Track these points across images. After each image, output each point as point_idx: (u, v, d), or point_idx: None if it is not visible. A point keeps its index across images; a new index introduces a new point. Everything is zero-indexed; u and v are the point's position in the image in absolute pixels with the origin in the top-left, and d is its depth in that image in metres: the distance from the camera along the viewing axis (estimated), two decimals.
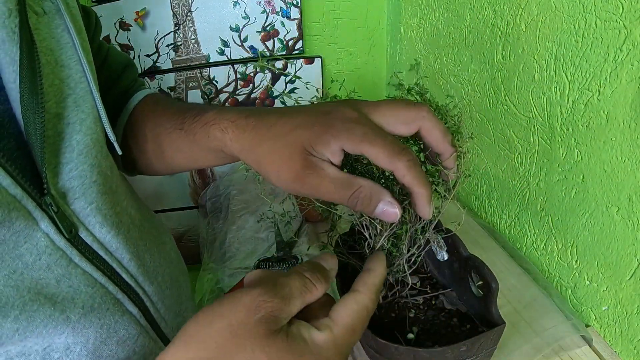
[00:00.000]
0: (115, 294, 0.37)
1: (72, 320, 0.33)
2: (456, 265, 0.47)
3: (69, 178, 0.34)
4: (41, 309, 0.31)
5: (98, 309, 0.35)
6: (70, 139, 0.35)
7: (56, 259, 0.33)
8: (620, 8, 0.44)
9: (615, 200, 0.49)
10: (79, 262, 0.34)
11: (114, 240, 0.38)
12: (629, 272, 0.50)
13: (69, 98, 0.35)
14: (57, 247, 0.33)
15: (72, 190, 0.35)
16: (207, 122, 0.40)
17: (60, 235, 0.33)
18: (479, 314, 0.45)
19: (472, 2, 0.68)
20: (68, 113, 0.35)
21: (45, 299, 0.32)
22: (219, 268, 0.75)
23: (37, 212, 0.31)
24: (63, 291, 0.33)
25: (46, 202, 0.32)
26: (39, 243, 0.31)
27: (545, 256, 0.64)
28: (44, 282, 0.32)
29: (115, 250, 0.38)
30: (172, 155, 0.46)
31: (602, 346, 0.54)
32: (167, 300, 0.44)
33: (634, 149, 0.46)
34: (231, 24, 0.92)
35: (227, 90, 0.98)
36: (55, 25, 0.35)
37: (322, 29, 0.96)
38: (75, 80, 0.36)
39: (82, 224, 0.35)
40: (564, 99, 0.54)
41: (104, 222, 0.37)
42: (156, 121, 0.47)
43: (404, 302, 0.48)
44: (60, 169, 0.34)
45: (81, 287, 0.34)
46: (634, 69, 0.44)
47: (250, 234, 0.81)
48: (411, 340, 0.44)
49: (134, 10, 0.88)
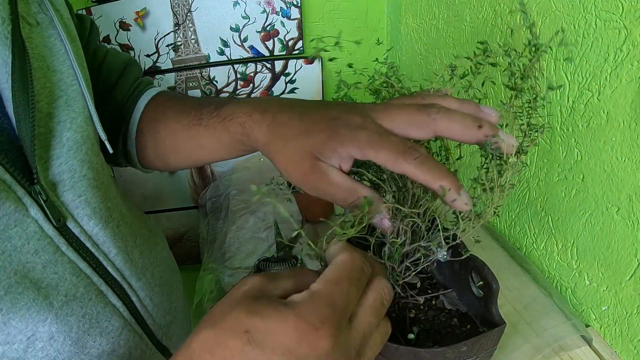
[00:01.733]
0: (99, 285, 0.38)
1: (54, 306, 0.34)
2: (456, 265, 0.47)
3: (59, 171, 0.36)
4: (25, 292, 0.32)
5: (81, 297, 0.36)
6: (61, 136, 0.37)
7: (44, 245, 0.34)
8: (620, 8, 0.44)
9: (615, 200, 0.49)
10: (65, 251, 0.36)
11: (102, 233, 0.39)
12: (629, 272, 0.50)
13: (60, 99, 0.37)
14: (45, 234, 0.34)
15: (61, 183, 0.36)
16: (225, 117, 0.41)
17: (49, 223, 0.34)
18: (480, 314, 0.45)
19: (472, 2, 0.68)
20: (59, 112, 0.37)
21: (30, 283, 0.33)
22: (219, 268, 0.75)
23: (27, 199, 0.33)
24: (48, 277, 0.34)
25: (35, 190, 0.33)
26: (28, 228, 0.33)
27: (545, 256, 0.64)
28: (30, 266, 0.33)
29: (102, 243, 0.39)
30: (192, 150, 0.47)
31: (602, 346, 0.54)
32: (156, 297, 0.45)
33: (634, 149, 0.46)
34: (231, 24, 0.92)
35: (227, 90, 0.98)
36: (48, 35, 0.38)
37: (322, 29, 0.96)
38: (67, 83, 0.38)
39: (70, 215, 0.37)
40: (564, 99, 0.54)
41: (92, 215, 0.38)
42: (172, 117, 0.48)
43: (404, 302, 0.48)
44: (50, 163, 0.36)
45: (66, 274, 0.35)
46: (634, 69, 0.44)
47: (250, 234, 0.81)
48: (411, 340, 0.44)
49: (134, 10, 0.88)
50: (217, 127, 0.42)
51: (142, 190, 1.06)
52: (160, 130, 0.49)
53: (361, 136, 0.32)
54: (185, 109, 0.47)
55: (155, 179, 1.05)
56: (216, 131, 0.43)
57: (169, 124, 0.48)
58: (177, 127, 0.47)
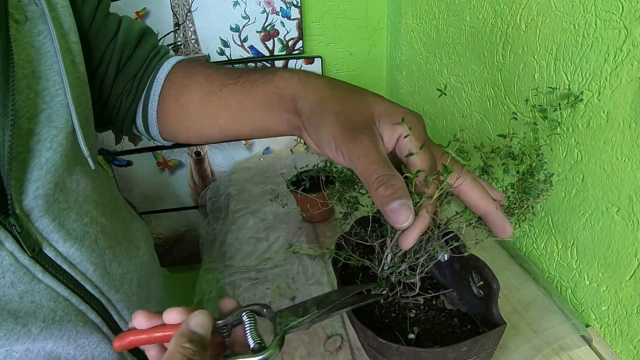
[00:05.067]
0: (78, 305, 0.38)
1: (32, 332, 0.34)
2: (457, 265, 0.47)
3: (35, 197, 0.35)
4: (3, 323, 0.32)
5: (59, 321, 0.36)
6: (40, 157, 0.35)
7: (20, 276, 0.33)
8: (620, 8, 0.44)
9: (615, 200, 0.49)
10: (42, 278, 0.35)
11: (78, 253, 0.38)
12: (629, 272, 0.50)
13: (43, 113, 0.36)
14: (20, 265, 0.33)
15: (36, 208, 0.35)
16: (270, 72, 0.40)
17: (24, 253, 0.33)
18: (480, 314, 0.45)
19: (472, 2, 0.68)
20: (40, 129, 0.35)
21: (8, 314, 0.33)
22: (218, 268, 0.75)
23: (1, 232, 0.32)
24: (25, 306, 0.34)
25: (10, 222, 0.32)
26: (4, 261, 0.32)
27: (545, 256, 0.64)
28: (7, 299, 0.33)
29: (78, 262, 0.39)
30: (217, 114, 0.45)
31: (602, 346, 0.54)
32: (133, 306, 0.45)
33: (634, 149, 0.46)
34: (231, 24, 0.92)
35: None
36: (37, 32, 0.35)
37: (322, 29, 0.96)
38: (52, 93, 0.36)
39: (45, 240, 0.36)
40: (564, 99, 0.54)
41: (67, 237, 0.38)
42: (202, 81, 0.46)
43: (404, 302, 0.48)
44: (27, 186, 0.34)
45: (43, 301, 0.35)
46: (634, 69, 0.44)
47: (250, 234, 0.81)
48: (412, 340, 0.44)
49: (134, 10, 0.88)
50: (258, 80, 0.41)
51: (142, 190, 1.06)
52: (190, 94, 0.47)
53: (423, 133, 0.33)
54: (217, 74, 0.46)
55: (155, 179, 1.05)
56: (255, 84, 0.41)
57: (198, 87, 0.46)
58: (208, 89, 0.45)
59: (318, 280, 0.68)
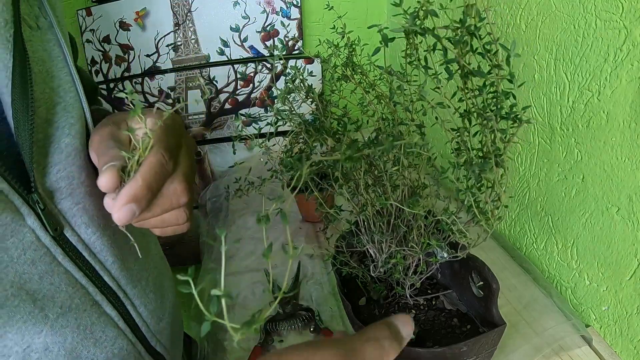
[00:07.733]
0: (94, 295, 0.38)
1: (50, 318, 0.34)
2: (457, 265, 0.47)
3: (57, 179, 0.36)
4: (22, 305, 0.33)
5: (76, 309, 0.36)
6: (59, 142, 0.36)
7: (40, 255, 0.34)
8: (620, 8, 0.44)
9: (615, 200, 0.49)
10: (62, 261, 0.35)
11: (99, 242, 0.39)
12: (629, 272, 0.50)
13: (59, 105, 0.37)
14: (42, 244, 0.34)
15: (59, 190, 0.36)
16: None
17: (46, 233, 0.34)
18: (480, 315, 0.45)
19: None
20: (57, 118, 0.36)
21: (26, 295, 0.33)
22: (218, 268, 0.75)
23: (24, 208, 0.32)
24: (44, 288, 0.34)
25: (33, 199, 0.33)
26: (25, 238, 0.33)
27: (545, 256, 0.64)
28: (27, 277, 0.33)
29: (99, 251, 0.39)
30: None
31: (602, 346, 0.54)
32: (150, 304, 0.45)
33: (634, 149, 0.46)
34: (231, 24, 0.92)
35: (227, 90, 0.98)
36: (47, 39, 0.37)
37: (322, 29, 0.96)
38: (65, 89, 0.38)
39: (67, 224, 0.36)
40: (564, 99, 0.54)
41: (90, 223, 0.38)
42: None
43: (404, 302, 0.48)
44: (48, 169, 0.35)
45: (62, 285, 0.35)
46: (634, 69, 0.44)
47: (250, 234, 0.81)
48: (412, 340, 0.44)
49: (134, 10, 0.88)
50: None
51: None
52: None
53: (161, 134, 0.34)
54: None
55: None
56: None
57: None
58: None
59: (318, 280, 0.68)
